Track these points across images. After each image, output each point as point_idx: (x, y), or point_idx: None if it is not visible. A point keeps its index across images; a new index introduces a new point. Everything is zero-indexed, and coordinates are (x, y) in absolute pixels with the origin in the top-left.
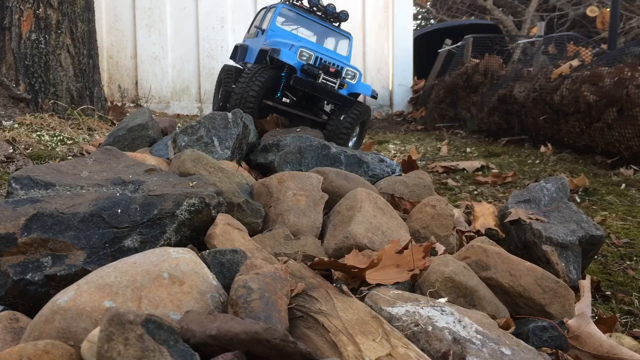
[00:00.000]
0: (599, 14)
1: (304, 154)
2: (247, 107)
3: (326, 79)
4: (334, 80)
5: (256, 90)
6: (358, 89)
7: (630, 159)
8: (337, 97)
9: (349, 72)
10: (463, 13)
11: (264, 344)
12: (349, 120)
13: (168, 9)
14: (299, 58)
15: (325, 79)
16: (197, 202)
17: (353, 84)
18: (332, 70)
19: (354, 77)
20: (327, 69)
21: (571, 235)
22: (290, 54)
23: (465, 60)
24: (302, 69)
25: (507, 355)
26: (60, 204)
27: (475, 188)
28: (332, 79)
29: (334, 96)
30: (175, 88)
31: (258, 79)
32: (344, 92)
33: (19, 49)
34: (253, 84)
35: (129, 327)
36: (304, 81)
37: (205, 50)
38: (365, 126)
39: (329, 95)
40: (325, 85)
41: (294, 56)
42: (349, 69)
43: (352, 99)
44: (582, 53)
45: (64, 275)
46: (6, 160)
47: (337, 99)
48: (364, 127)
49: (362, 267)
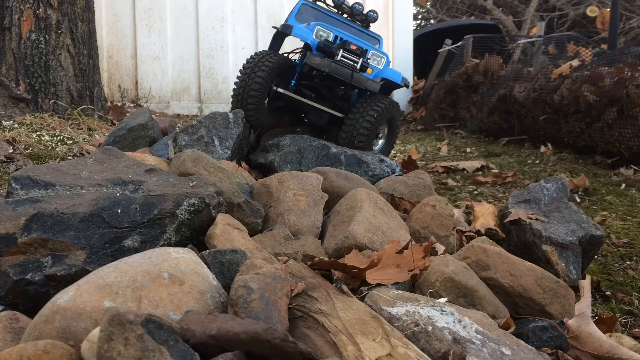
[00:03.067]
0: (599, 14)
1: (304, 154)
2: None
3: (346, 57)
4: (356, 58)
5: (262, 77)
6: (385, 74)
7: (630, 159)
8: (359, 81)
9: (375, 56)
10: (463, 13)
11: (264, 344)
12: (368, 119)
13: (168, 9)
14: (315, 36)
15: (345, 57)
16: (197, 202)
17: (380, 69)
18: (353, 48)
19: (380, 61)
20: (348, 46)
21: (571, 235)
22: (305, 31)
23: (465, 60)
24: (318, 46)
25: (507, 355)
26: (60, 204)
27: (475, 188)
28: (353, 57)
29: (355, 79)
30: (175, 88)
31: (265, 64)
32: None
33: (19, 49)
34: (259, 69)
35: (129, 327)
36: (319, 60)
37: (205, 50)
38: (396, 126)
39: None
40: (344, 65)
41: (310, 33)
42: (374, 52)
43: (376, 83)
44: (582, 53)
45: (64, 275)
46: (6, 160)
47: (359, 83)
48: (393, 126)
49: (362, 267)
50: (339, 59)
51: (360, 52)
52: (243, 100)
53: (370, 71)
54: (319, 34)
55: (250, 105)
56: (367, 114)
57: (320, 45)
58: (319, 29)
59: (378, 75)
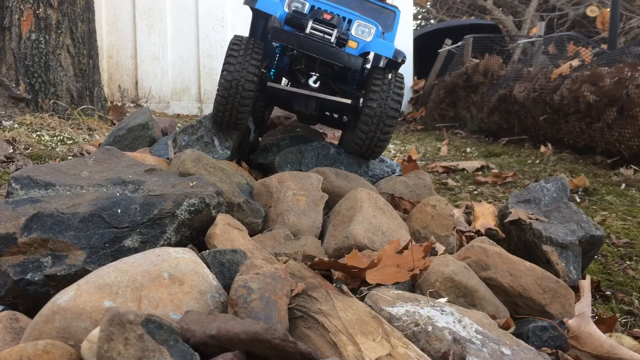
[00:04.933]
0: (599, 14)
1: (304, 154)
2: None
3: (317, 29)
4: (329, 30)
5: (254, 73)
6: (373, 46)
7: (630, 159)
8: (332, 57)
9: (360, 26)
10: (463, 13)
11: (264, 344)
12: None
13: (168, 9)
14: (286, 8)
15: (315, 29)
16: (197, 202)
17: (366, 41)
18: (326, 17)
19: (368, 32)
20: (320, 15)
21: (571, 235)
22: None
23: (465, 60)
24: (286, 19)
25: (507, 355)
26: (60, 204)
27: (475, 188)
28: (326, 29)
29: (328, 55)
30: (175, 88)
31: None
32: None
33: (19, 49)
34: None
35: (129, 327)
36: (285, 34)
37: (205, 50)
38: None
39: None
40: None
41: (279, 5)
42: (360, 22)
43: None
44: (582, 53)
45: (64, 275)
46: (6, 160)
47: (334, 59)
48: None
49: (362, 267)
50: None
51: (336, 21)
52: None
53: (354, 45)
54: (292, 4)
55: (244, 108)
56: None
57: (289, 17)
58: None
59: (364, 49)
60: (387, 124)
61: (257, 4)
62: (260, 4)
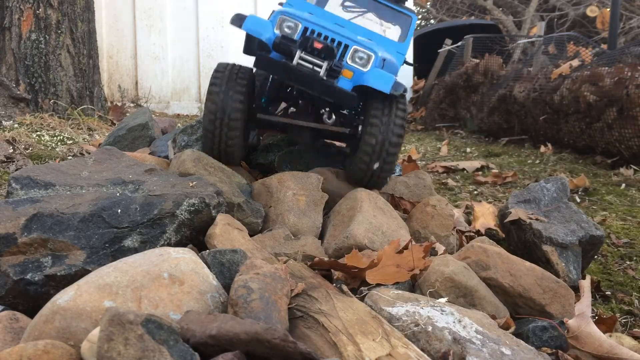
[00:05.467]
0: (599, 14)
1: (304, 154)
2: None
3: (305, 59)
4: (319, 62)
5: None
6: (369, 79)
7: (630, 159)
8: (322, 92)
9: (357, 53)
10: (463, 13)
11: (264, 344)
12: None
13: (168, 9)
14: (277, 29)
15: (304, 59)
16: (197, 202)
17: (363, 72)
18: (317, 46)
19: (366, 61)
20: (310, 44)
21: (571, 235)
22: (262, 24)
23: (465, 60)
24: (273, 44)
25: (507, 355)
26: (60, 204)
27: (475, 188)
28: (315, 60)
29: (321, 90)
30: (175, 88)
31: (239, 84)
32: (345, 85)
33: (19, 49)
34: (233, 94)
35: (129, 327)
36: (271, 63)
37: (205, 50)
38: None
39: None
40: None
41: (269, 27)
42: (357, 48)
43: (347, 94)
44: (582, 53)
45: (64, 275)
46: (6, 160)
47: (324, 95)
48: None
49: (362, 267)
50: (295, 63)
51: (327, 51)
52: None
53: (349, 74)
54: (284, 25)
55: (232, 141)
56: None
57: (276, 43)
58: (283, 19)
59: (359, 80)
60: (391, 153)
61: (243, 25)
62: (247, 25)
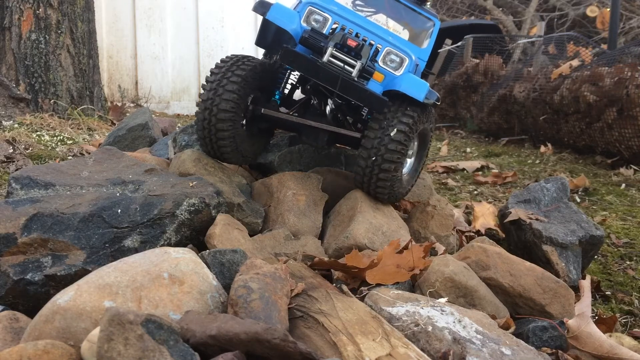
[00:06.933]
0: (599, 14)
1: (303, 154)
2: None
3: (337, 57)
4: (353, 61)
5: (233, 91)
6: (402, 85)
7: (630, 159)
8: (350, 93)
9: (390, 55)
10: (463, 13)
11: (264, 344)
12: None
13: (168, 9)
14: (304, 22)
15: (335, 57)
16: (197, 202)
17: (395, 76)
18: (351, 44)
19: (399, 64)
20: (343, 41)
21: (571, 235)
22: (289, 14)
23: (465, 60)
24: (301, 38)
25: (507, 355)
26: (60, 204)
27: (475, 188)
28: (348, 59)
29: (345, 90)
30: (175, 88)
31: (235, 73)
32: (376, 88)
33: (19, 49)
34: (227, 82)
35: (129, 327)
36: (298, 58)
37: (205, 50)
38: (428, 140)
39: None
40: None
41: (296, 17)
42: (390, 50)
43: (377, 98)
44: (582, 53)
45: (64, 275)
46: (6, 160)
47: (353, 97)
48: (426, 141)
49: (362, 267)
50: (325, 60)
51: (361, 49)
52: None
53: (380, 77)
54: (311, 18)
55: (222, 134)
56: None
57: (305, 38)
58: (311, 11)
59: (391, 85)
60: (387, 160)
61: (268, 14)
62: (272, 14)
